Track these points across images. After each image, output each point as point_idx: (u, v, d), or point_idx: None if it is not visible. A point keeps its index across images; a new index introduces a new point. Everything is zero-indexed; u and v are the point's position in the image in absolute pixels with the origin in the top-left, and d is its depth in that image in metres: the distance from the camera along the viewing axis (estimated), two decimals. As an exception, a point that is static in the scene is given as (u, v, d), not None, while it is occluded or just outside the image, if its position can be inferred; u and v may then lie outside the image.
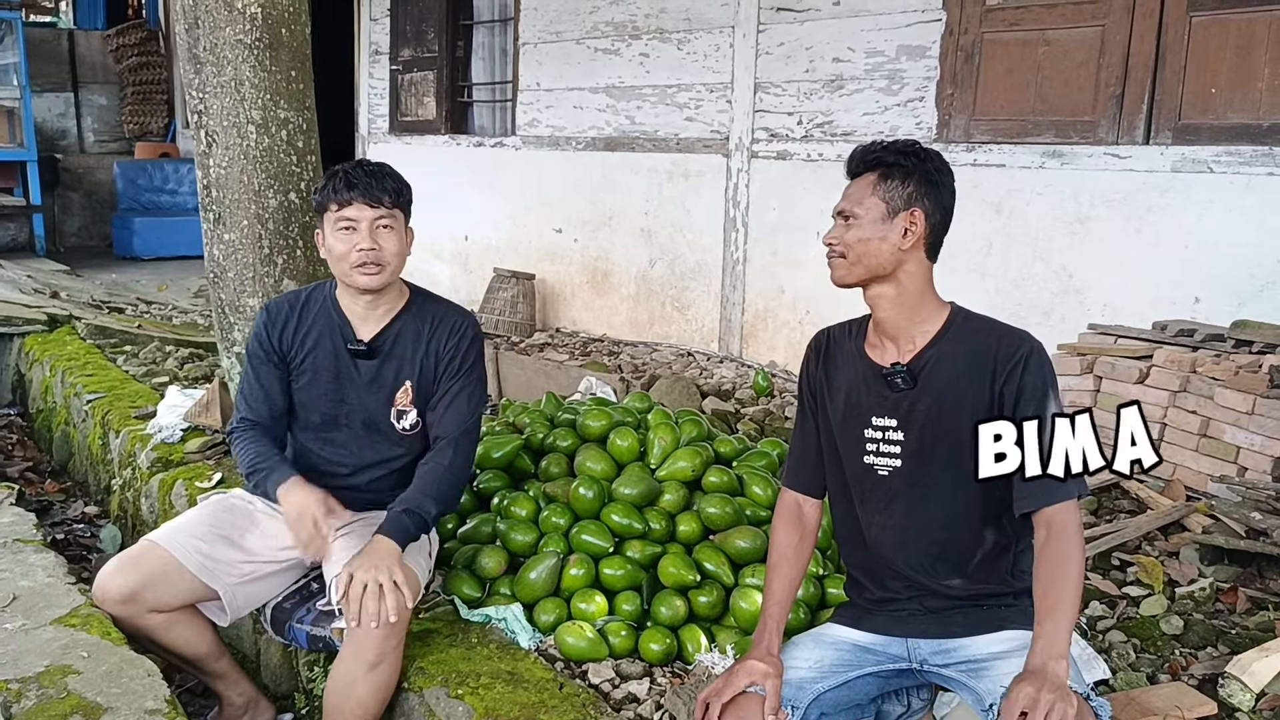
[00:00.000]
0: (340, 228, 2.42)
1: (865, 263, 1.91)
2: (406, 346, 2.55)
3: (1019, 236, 4.58)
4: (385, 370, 2.54)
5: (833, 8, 5.23)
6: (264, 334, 2.57)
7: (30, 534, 3.11)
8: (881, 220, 1.90)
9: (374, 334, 2.54)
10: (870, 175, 1.94)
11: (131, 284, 8.61)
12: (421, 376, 2.55)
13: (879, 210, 1.91)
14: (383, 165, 2.49)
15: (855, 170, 1.97)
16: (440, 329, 2.56)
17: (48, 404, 5.27)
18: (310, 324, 2.57)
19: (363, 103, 8.82)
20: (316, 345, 2.55)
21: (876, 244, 1.90)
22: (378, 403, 2.55)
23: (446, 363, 2.55)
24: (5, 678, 2.23)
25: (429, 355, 2.55)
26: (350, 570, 2.21)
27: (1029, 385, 1.84)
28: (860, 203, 1.92)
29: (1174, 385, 3.55)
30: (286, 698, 2.85)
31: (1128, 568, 3.02)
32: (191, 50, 3.44)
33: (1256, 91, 3.88)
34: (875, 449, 1.96)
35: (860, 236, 1.91)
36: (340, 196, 2.40)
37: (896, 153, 1.93)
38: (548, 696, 2.24)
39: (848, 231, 1.93)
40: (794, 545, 2.07)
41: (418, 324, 2.55)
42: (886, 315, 1.95)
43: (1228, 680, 2.30)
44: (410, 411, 2.56)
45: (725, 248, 5.89)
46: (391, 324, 2.55)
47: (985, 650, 1.86)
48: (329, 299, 2.58)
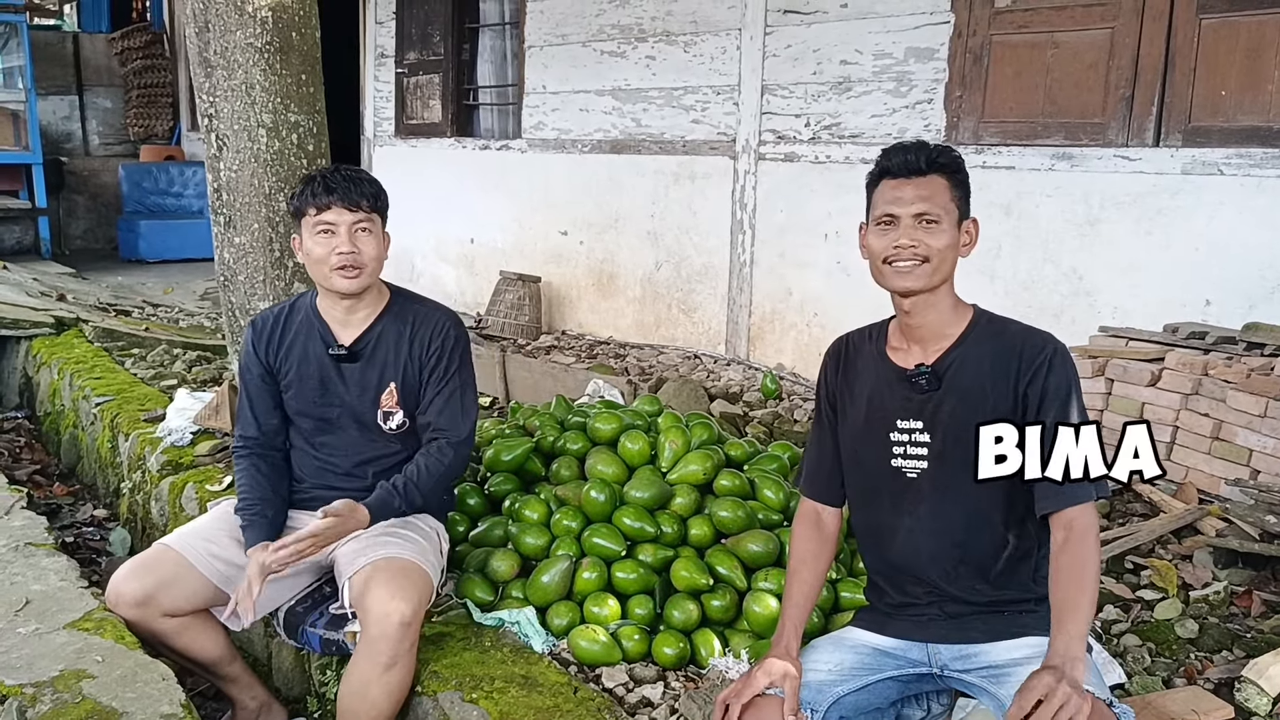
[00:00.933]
0: (319, 231, 2.44)
1: (943, 270, 1.88)
2: (389, 349, 2.56)
3: (1029, 239, 4.57)
4: (369, 373, 2.56)
5: (840, 10, 5.22)
6: (251, 349, 2.61)
7: (42, 538, 3.10)
8: (956, 226, 1.88)
9: (355, 337, 2.56)
10: (940, 179, 1.87)
11: (137, 287, 8.62)
12: (405, 378, 2.56)
13: (954, 216, 1.88)
14: (359, 170, 2.53)
15: (918, 168, 1.86)
16: (421, 329, 2.57)
17: (56, 407, 5.27)
18: (293, 334, 2.59)
19: (368, 106, 8.83)
20: (300, 354, 2.58)
21: (953, 252, 1.88)
22: (364, 405, 2.57)
23: (432, 365, 2.55)
24: (20, 682, 2.23)
25: (412, 356, 2.56)
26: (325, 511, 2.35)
27: (1053, 386, 1.84)
28: (943, 206, 1.86)
29: (1186, 388, 3.54)
30: (299, 701, 2.85)
31: (1141, 571, 3.02)
32: (202, 54, 3.45)
33: (1267, 94, 3.88)
34: (903, 451, 1.95)
35: (947, 242, 1.86)
36: (319, 200, 2.42)
37: (955, 157, 1.90)
38: (562, 700, 2.24)
39: (931, 236, 1.86)
40: (813, 551, 2.07)
41: (399, 325, 2.57)
42: (925, 321, 1.94)
43: (1244, 684, 2.30)
44: (396, 413, 2.58)
45: (732, 250, 5.89)
46: (372, 327, 2.56)
47: (1006, 656, 1.85)
48: (310, 307, 2.60)
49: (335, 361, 2.55)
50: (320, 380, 2.57)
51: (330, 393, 2.57)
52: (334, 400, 2.58)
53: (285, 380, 2.60)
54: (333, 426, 2.60)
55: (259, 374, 2.60)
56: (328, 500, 2.58)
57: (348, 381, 2.56)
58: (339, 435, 2.60)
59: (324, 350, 2.56)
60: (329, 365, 2.56)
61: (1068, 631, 1.67)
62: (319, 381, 2.57)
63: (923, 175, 1.87)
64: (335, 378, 2.56)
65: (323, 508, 2.39)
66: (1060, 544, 1.78)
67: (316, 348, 2.57)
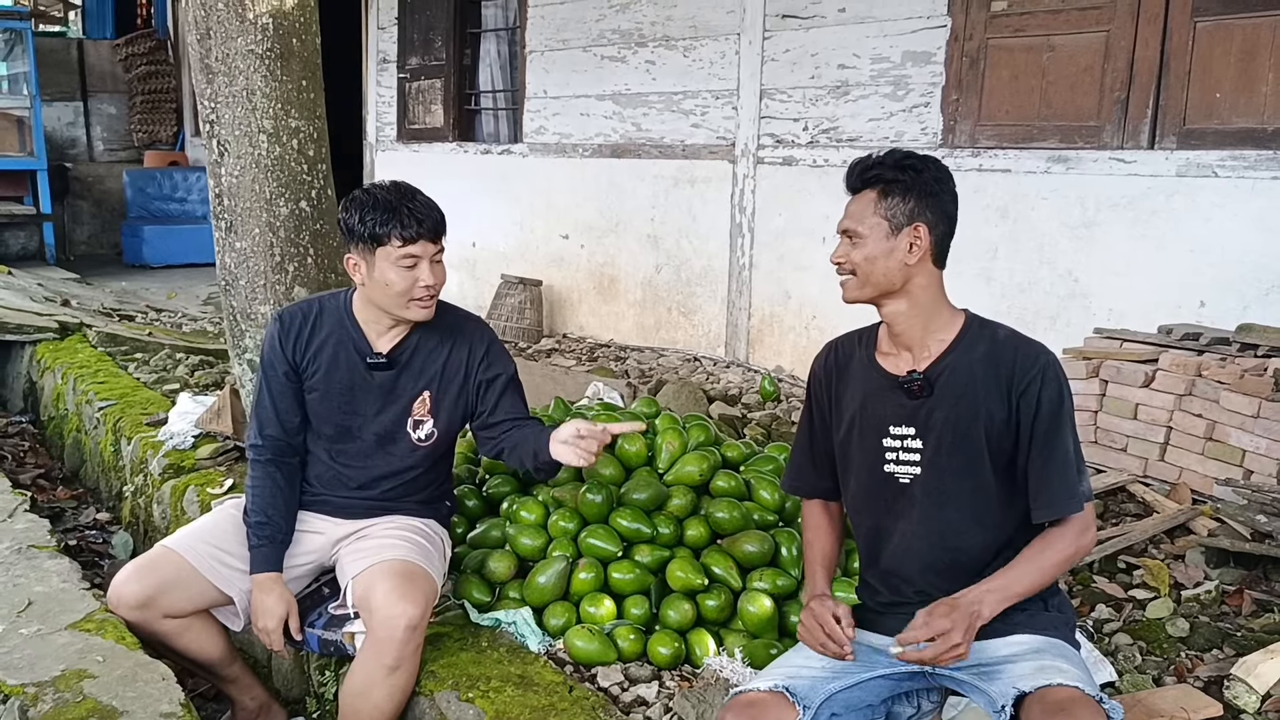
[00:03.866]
0: (403, 264, 2.38)
1: (875, 281, 1.93)
2: (425, 357, 2.54)
3: (1024, 241, 4.59)
4: (403, 381, 2.53)
5: (838, 14, 5.25)
6: (277, 343, 2.54)
7: (44, 540, 3.14)
8: (886, 237, 1.91)
9: (392, 345, 2.53)
10: (870, 193, 1.93)
11: (141, 292, 8.66)
12: (441, 386, 2.54)
13: (882, 228, 1.91)
14: (427, 197, 2.46)
15: (854, 186, 1.97)
16: (460, 340, 2.55)
17: (59, 411, 5.31)
18: (325, 336, 2.53)
19: (371, 111, 8.87)
20: (330, 358, 2.52)
21: (883, 262, 1.91)
22: (394, 413, 2.54)
23: (485, 369, 2.55)
24: (22, 682, 2.26)
25: (450, 364, 2.54)
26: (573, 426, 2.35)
27: (1046, 398, 1.88)
28: (863, 221, 1.92)
29: (1179, 389, 3.56)
30: (298, 702, 2.88)
31: (1133, 570, 3.04)
32: (204, 60, 3.48)
33: (1261, 96, 3.90)
34: (895, 458, 1.99)
35: (867, 255, 1.92)
36: (406, 233, 2.36)
37: (894, 167, 1.92)
38: (557, 700, 2.26)
39: (854, 250, 1.93)
40: (824, 526, 2.19)
41: (436, 333, 2.54)
42: (904, 328, 1.97)
43: (1233, 682, 2.32)
44: (427, 421, 2.55)
45: (731, 253, 5.91)
46: (409, 336, 2.53)
47: (996, 654, 1.88)
48: (344, 310, 2.54)
49: (370, 369, 2.51)
50: (349, 387, 2.52)
51: (356, 400, 2.53)
52: (359, 409, 2.54)
53: (311, 381, 2.54)
54: (352, 436, 2.55)
55: (284, 371, 2.53)
56: (338, 505, 2.59)
57: (379, 390, 2.52)
58: (357, 445, 2.56)
59: (358, 358, 2.51)
60: (361, 373, 2.51)
61: (997, 577, 1.86)
62: (347, 388, 2.52)
63: (857, 192, 1.96)
64: (365, 386, 2.52)
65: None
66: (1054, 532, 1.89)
67: (349, 355, 2.52)
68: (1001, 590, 1.84)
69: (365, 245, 2.39)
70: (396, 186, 2.43)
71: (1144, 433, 3.66)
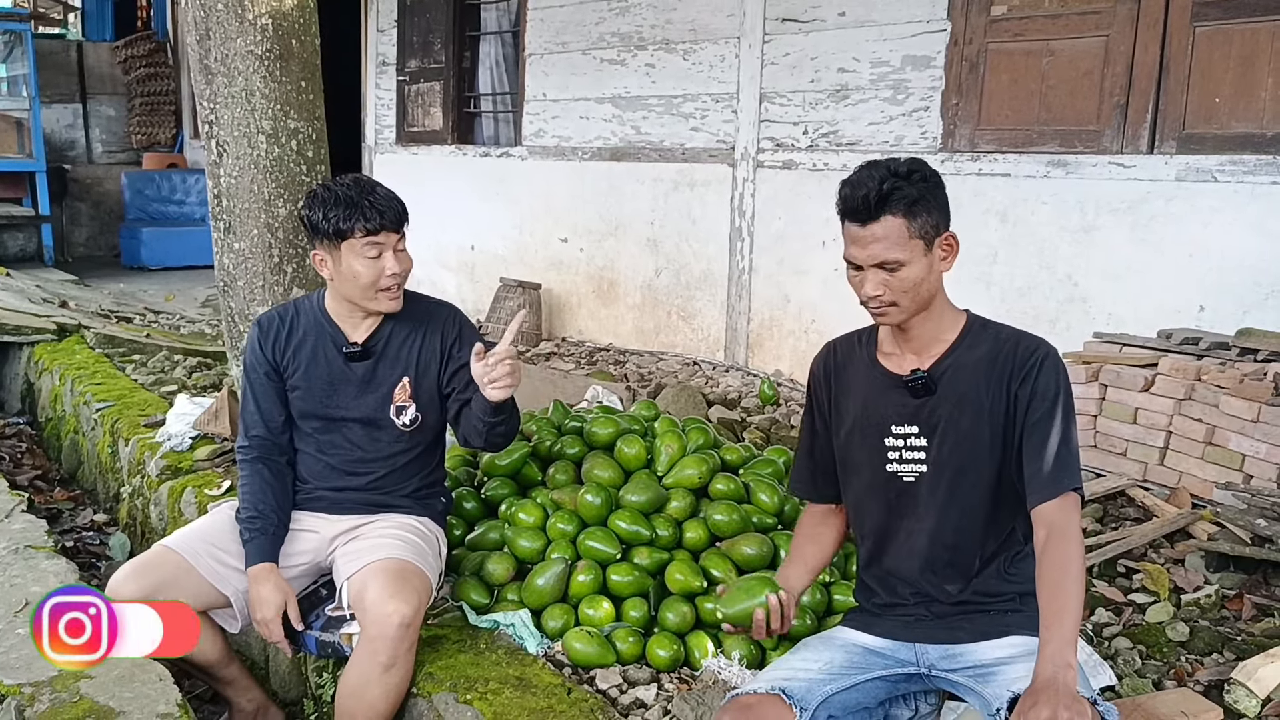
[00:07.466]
0: (368, 255, 2.44)
1: (920, 301, 1.90)
2: (400, 344, 2.59)
3: (1024, 245, 4.59)
4: (381, 369, 2.58)
5: (838, 18, 5.25)
6: (257, 346, 2.62)
7: (41, 541, 3.14)
8: (924, 255, 1.86)
9: (366, 335, 2.59)
10: (894, 218, 1.83)
11: (139, 293, 8.66)
12: (419, 371, 2.59)
13: (919, 248, 1.85)
14: (384, 186, 2.51)
15: (872, 215, 1.83)
16: (433, 325, 2.61)
17: (57, 412, 5.30)
18: (302, 335, 2.61)
19: (370, 113, 8.87)
20: (309, 355, 2.59)
21: (927, 281, 1.88)
22: (375, 401, 2.58)
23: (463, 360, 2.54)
24: (19, 682, 2.25)
25: (425, 349, 2.59)
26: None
27: (1041, 387, 1.87)
28: (901, 247, 1.83)
29: (1179, 393, 3.56)
30: (295, 704, 2.87)
31: (1133, 575, 3.04)
32: (203, 61, 3.48)
33: (1260, 101, 3.90)
34: (898, 456, 1.98)
35: (913, 280, 1.86)
36: (369, 224, 2.42)
37: (906, 182, 1.83)
38: (555, 702, 2.26)
39: (893, 279, 1.85)
40: (817, 538, 2.17)
41: (408, 322, 2.60)
42: (919, 331, 1.96)
43: (1233, 686, 2.31)
44: (409, 407, 2.59)
45: (731, 257, 5.91)
46: (382, 325, 2.59)
47: (991, 655, 1.88)
48: (318, 309, 2.62)
49: (347, 360, 2.57)
50: (329, 380, 2.58)
51: (339, 392, 2.59)
52: (342, 399, 2.59)
53: (292, 380, 2.60)
54: (339, 426, 2.61)
55: (265, 372, 2.60)
56: (331, 499, 2.62)
57: (359, 379, 2.58)
58: (344, 434, 2.61)
59: (335, 351, 2.58)
60: (339, 365, 2.58)
61: (1055, 637, 1.68)
62: (328, 382, 2.58)
63: (875, 220, 1.83)
64: (345, 377, 2.58)
65: None
66: (1043, 542, 1.80)
67: (326, 349, 2.58)
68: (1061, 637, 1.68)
69: (330, 241, 2.46)
70: (357, 181, 2.50)
71: (1144, 437, 3.66)
